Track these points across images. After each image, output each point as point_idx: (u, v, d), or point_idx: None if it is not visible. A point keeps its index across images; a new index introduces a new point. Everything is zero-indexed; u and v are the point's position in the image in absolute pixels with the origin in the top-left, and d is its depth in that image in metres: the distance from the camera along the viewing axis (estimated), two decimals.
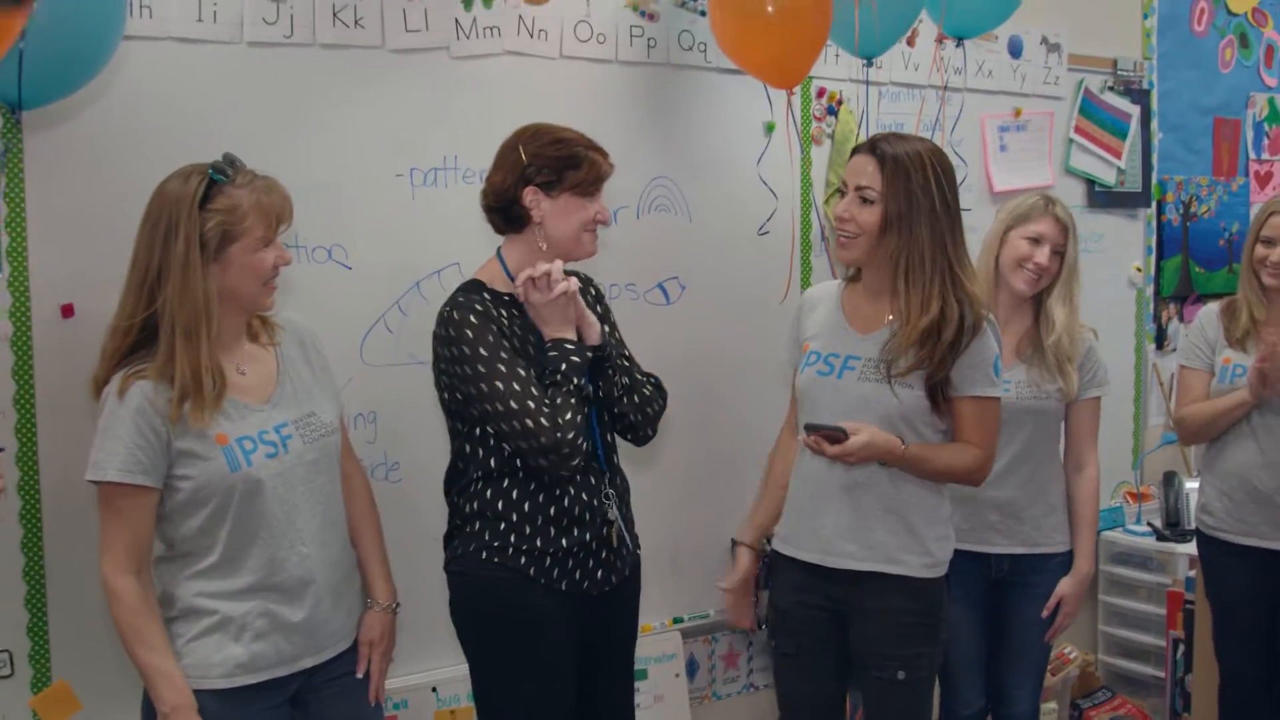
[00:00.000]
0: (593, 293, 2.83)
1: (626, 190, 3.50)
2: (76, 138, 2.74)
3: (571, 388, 2.52)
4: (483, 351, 2.51)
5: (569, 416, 2.49)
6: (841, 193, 2.80)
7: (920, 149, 2.73)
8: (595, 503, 2.65)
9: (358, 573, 2.63)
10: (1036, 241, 3.25)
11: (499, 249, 2.71)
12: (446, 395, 2.63)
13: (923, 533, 2.79)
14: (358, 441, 3.07)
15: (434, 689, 3.24)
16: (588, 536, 2.63)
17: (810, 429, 2.69)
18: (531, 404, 2.48)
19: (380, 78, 3.10)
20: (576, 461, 2.52)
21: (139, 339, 2.31)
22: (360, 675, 2.58)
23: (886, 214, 2.70)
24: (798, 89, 3.58)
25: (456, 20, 3.18)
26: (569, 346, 2.57)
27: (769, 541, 3.03)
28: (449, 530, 2.72)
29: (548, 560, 2.60)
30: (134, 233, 2.35)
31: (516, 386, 2.49)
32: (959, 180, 4.11)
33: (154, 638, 2.29)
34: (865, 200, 2.72)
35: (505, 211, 2.63)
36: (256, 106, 2.94)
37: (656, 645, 3.65)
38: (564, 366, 2.53)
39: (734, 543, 3.13)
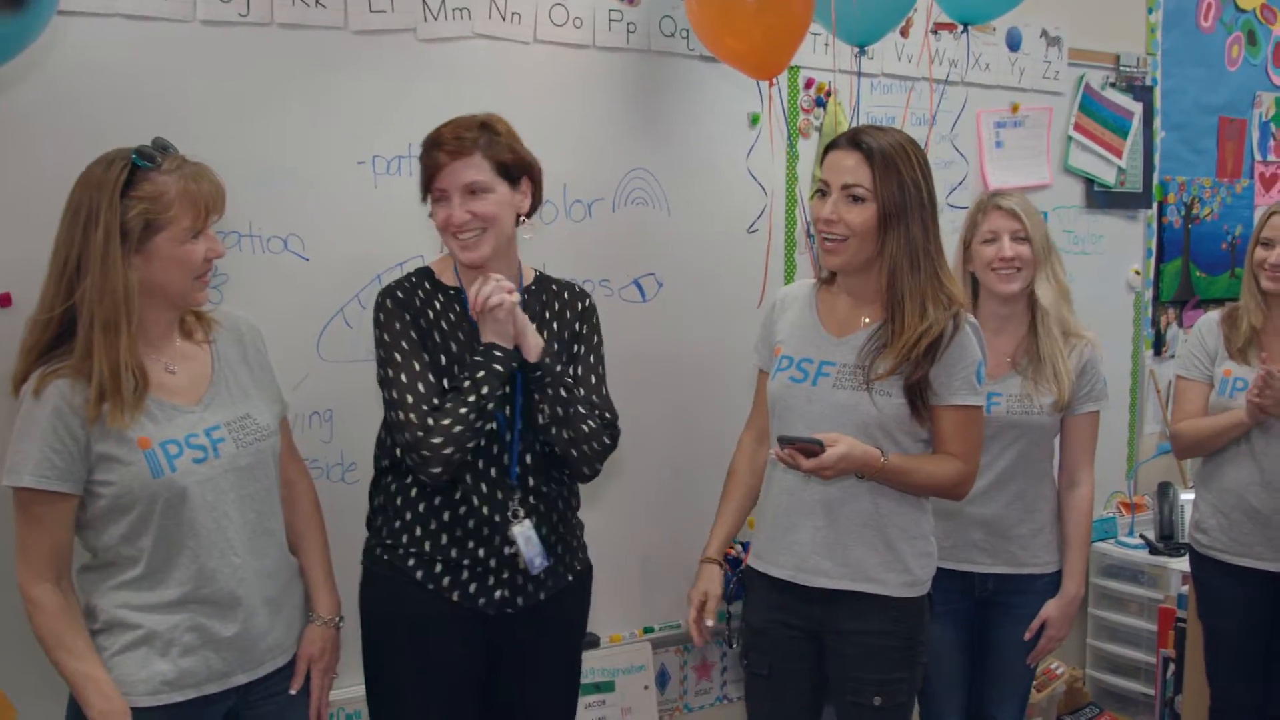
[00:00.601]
0: (567, 301, 2.70)
1: (603, 182, 3.42)
2: (12, 119, 2.62)
3: (473, 397, 2.42)
4: (386, 338, 2.50)
5: (446, 423, 2.40)
6: (823, 193, 2.65)
7: (901, 140, 2.62)
8: (496, 518, 2.53)
9: (299, 582, 2.52)
10: (994, 239, 3.16)
11: None
12: None
13: (902, 549, 2.66)
14: (312, 440, 3.00)
15: None
16: (482, 552, 2.53)
17: (784, 441, 2.56)
18: (410, 398, 2.44)
19: (342, 60, 2.99)
20: (439, 470, 2.42)
21: (58, 334, 2.19)
22: (294, 691, 2.47)
23: (882, 212, 2.57)
24: (783, 79, 3.47)
25: (424, 1, 3.07)
26: (497, 354, 2.46)
27: (744, 548, 2.90)
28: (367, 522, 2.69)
29: (437, 566, 2.53)
30: None
31: (404, 378, 2.46)
32: (961, 179, 4.11)
33: (77, 644, 2.18)
34: (855, 199, 2.58)
35: None
36: (210, 89, 2.83)
37: (625, 656, 3.55)
38: (480, 374, 2.44)
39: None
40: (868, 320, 2.66)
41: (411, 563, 2.53)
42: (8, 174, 2.62)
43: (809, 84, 3.77)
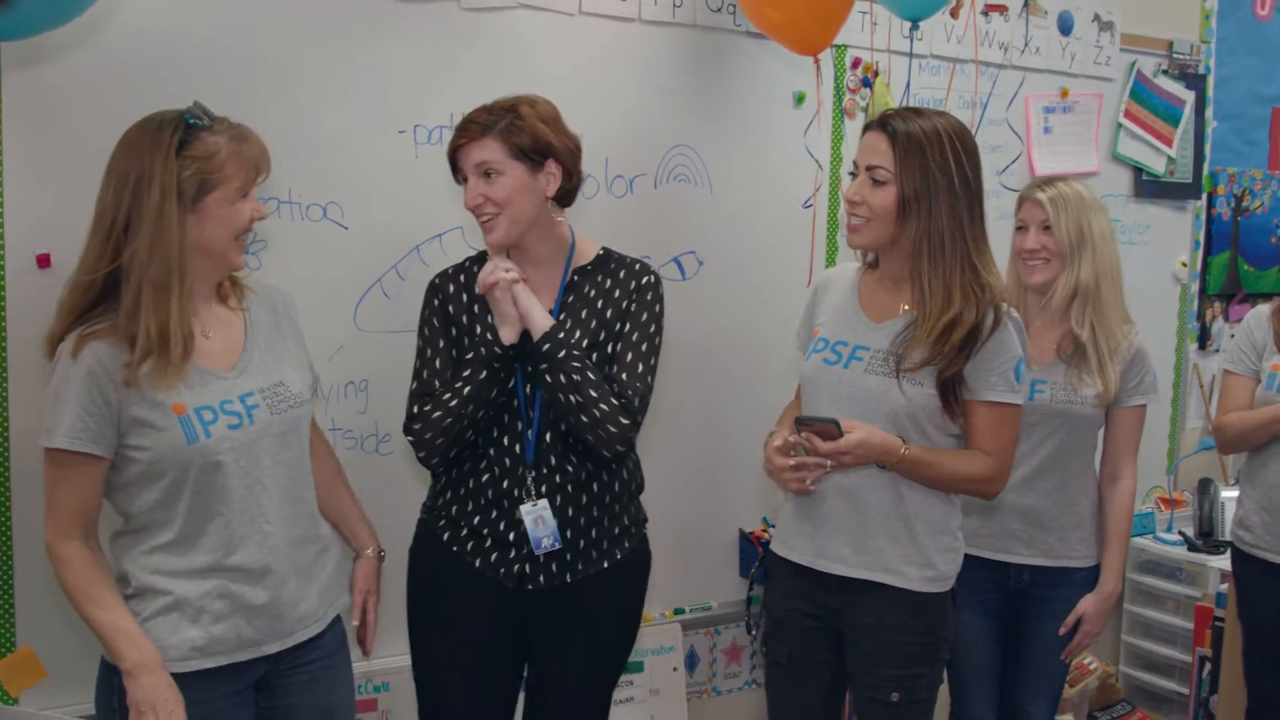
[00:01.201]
0: (620, 279, 2.66)
1: (645, 158, 3.39)
2: (56, 79, 2.61)
3: (462, 386, 2.51)
4: (420, 326, 2.64)
5: (436, 414, 2.52)
6: (854, 174, 2.63)
7: (938, 124, 2.55)
8: (515, 492, 2.55)
9: (332, 552, 2.49)
10: (1024, 228, 3.16)
11: None
12: None
13: (925, 542, 2.61)
14: (347, 410, 3.01)
15: None
16: (502, 525, 2.56)
17: (801, 423, 2.51)
18: (416, 385, 2.60)
19: (386, 29, 2.97)
20: (427, 455, 2.57)
21: (99, 297, 2.17)
22: (356, 622, 2.58)
23: (902, 196, 2.52)
24: (829, 57, 3.43)
25: None
26: (488, 337, 2.53)
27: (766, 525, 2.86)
28: None
29: (463, 532, 2.60)
30: None
31: (420, 367, 2.61)
32: (1015, 158, 4.06)
33: (105, 597, 2.18)
34: (877, 181, 2.55)
35: None
36: (252, 56, 2.81)
37: (655, 637, 3.54)
38: (468, 367, 2.52)
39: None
40: (906, 308, 2.61)
41: (441, 523, 2.61)
42: (50, 139, 2.61)
43: (855, 63, 3.72)
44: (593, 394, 2.49)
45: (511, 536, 2.54)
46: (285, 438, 2.32)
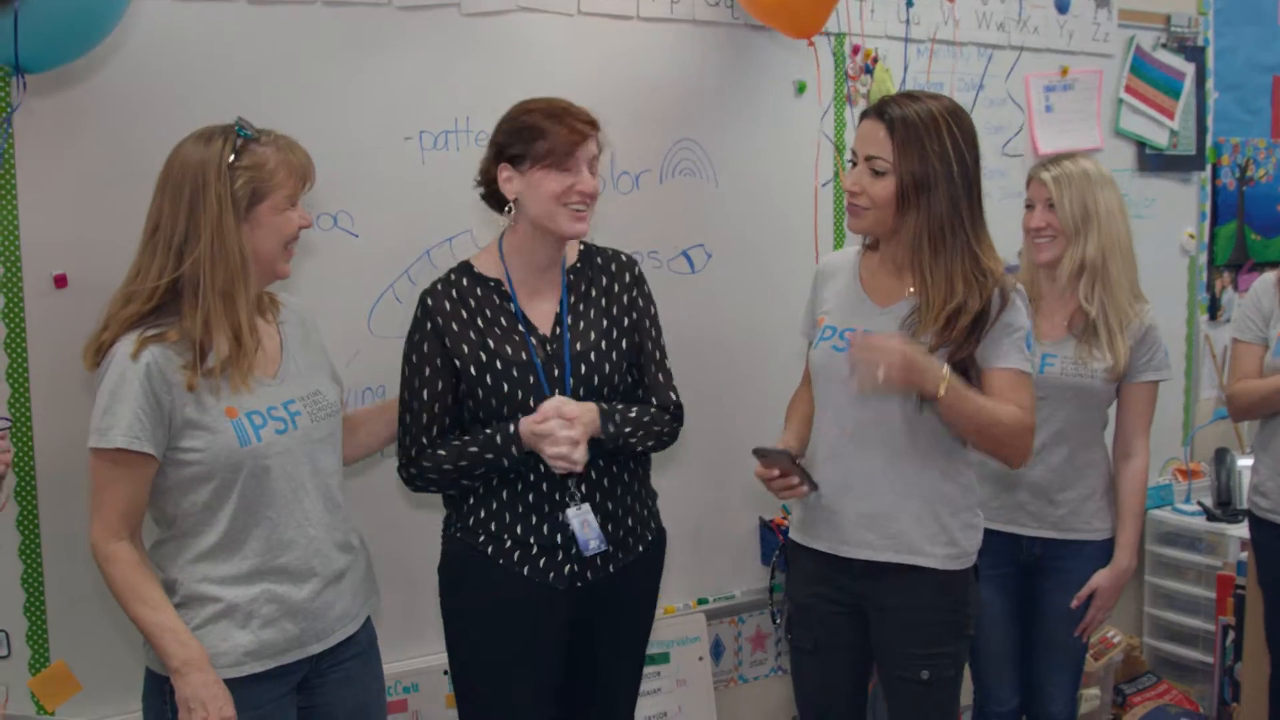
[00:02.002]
0: (613, 272, 2.70)
1: (649, 153, 3.41)
2: (69, 102, 2.64)
3: (474, 462, 2.50)
4: (411, 346, 2.58)
5: (442, 456, 2.53)
6: (853, 162, 2.62)
7: (934, 108, 2.54)
8: (556, 497, 2.55)
9: (363, 555, 2.54)
10: (1031, 206, 3.19)
11: (503, 231, 2.64)
12: None
13: (948, 521, 2.62)
14: None
15: (446, 671, 3.12)
16: (546, 529, 2.55)
17: (758, 454, 2.59)
18: (409, 436, 2.56)
19: (387, 36, 2.99)
20: (418, 490, 2.61)
21: (159, 306, 2.23)
22: None
23: (901, 186, 2.52)
24: (826, 46, 3.44)
25: None
26: (514, 452, 2.48)
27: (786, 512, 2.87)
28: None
29: (507, 544, 2.55)
30: (131, 199, 2.31)
31: (414, 402, 2.56)
32: (1006, 142, 4.07)
33: (153, 594, 2.20)
34: (876, 172, 2.54)
35: (492, 196, 2.59)
36: (257, 68, 2.84)
37: (680, 627, 3.56)
38: (490, 453, 2.50)
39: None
40: (912, 290, 2.60)
41: (482, 538, 2.55)
42: (64, 161, 2.64)
43: (855, 50, 3.73)
44: (654, 429, 2.63)
45: (558, 539, 2.55)
46: (325, 443, 2.39)
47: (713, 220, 3.53)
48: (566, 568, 2.56)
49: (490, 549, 2.55)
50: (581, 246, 2.70)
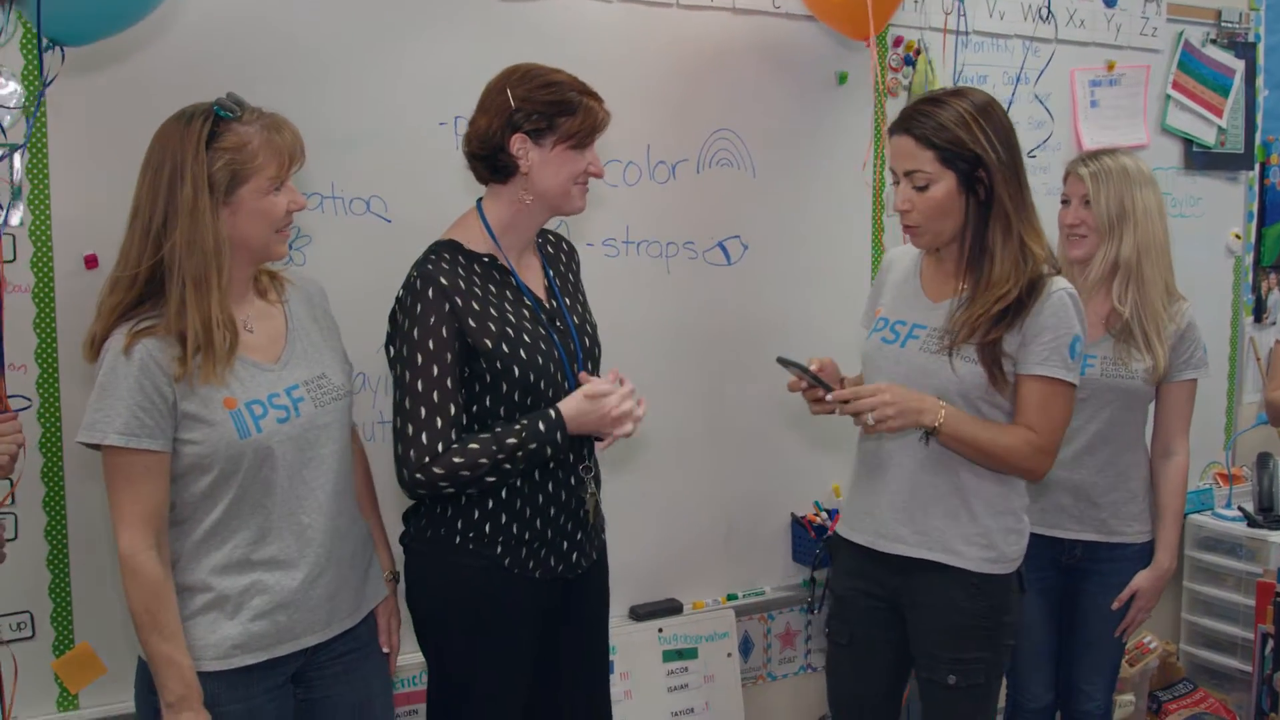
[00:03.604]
0: (565, 249, 2.69)
1: (686, 143, 3.38)
2: (99, 80, 2.63)
3: (506, 456, 2.33)
4: (417, 334, 2.36)
5: (459, 463, 2.31)
6: (895, 182, 2.59)
7: (960, 109, 2.49)
8: (572, 480, 2.50)
9: (370, 545, 2.50)
10: (1067, 203, 3.16)
11: (479, 201, 2.54)
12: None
13: (987, 523, 2.58)
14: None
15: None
16: (563, 519, 2.49)
17: (780, 361, 2.55)
18: (425, 435, 2.32)
19: (424, 21, 2.97)
20: (422, 495, 2.42)
21: (143, 293, 2.16)
22: (387, 650, 2.51)
23: (951, 190, 2.50)
24: (873, 37, 3.39)
25: None
26: (558, 438, 2.38)
27: (830, 516, 2.85)
28: (415, 504, 2.55)
29: (524, 550, 2.45)
30: None
31: (433, 393, 2.34)
32: (1046, 138, 4.01)
33: (169, 624, 2.14)
34: (918, 187, 2.51)
35: (490, 160, 2.45)
36: (292, 52, 2.83)
37: (709, 623, 3.53)
38: (533, 444, 2.35)
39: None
40: (964, 286, 2.58)
41: (499, 549, 2.43)
42: (94, 140, 2.62)
43: (898, 42, 3.68)
44: None
45: (569, 526, 2.51)
46: (329, 430, 2.31)
47: (750, 211, 3.50)
48: (573, 555, 2.52)
49: (508, 560, 2.44)
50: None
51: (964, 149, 2.47)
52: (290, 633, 2.26)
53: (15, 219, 2.58)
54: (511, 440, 2.33)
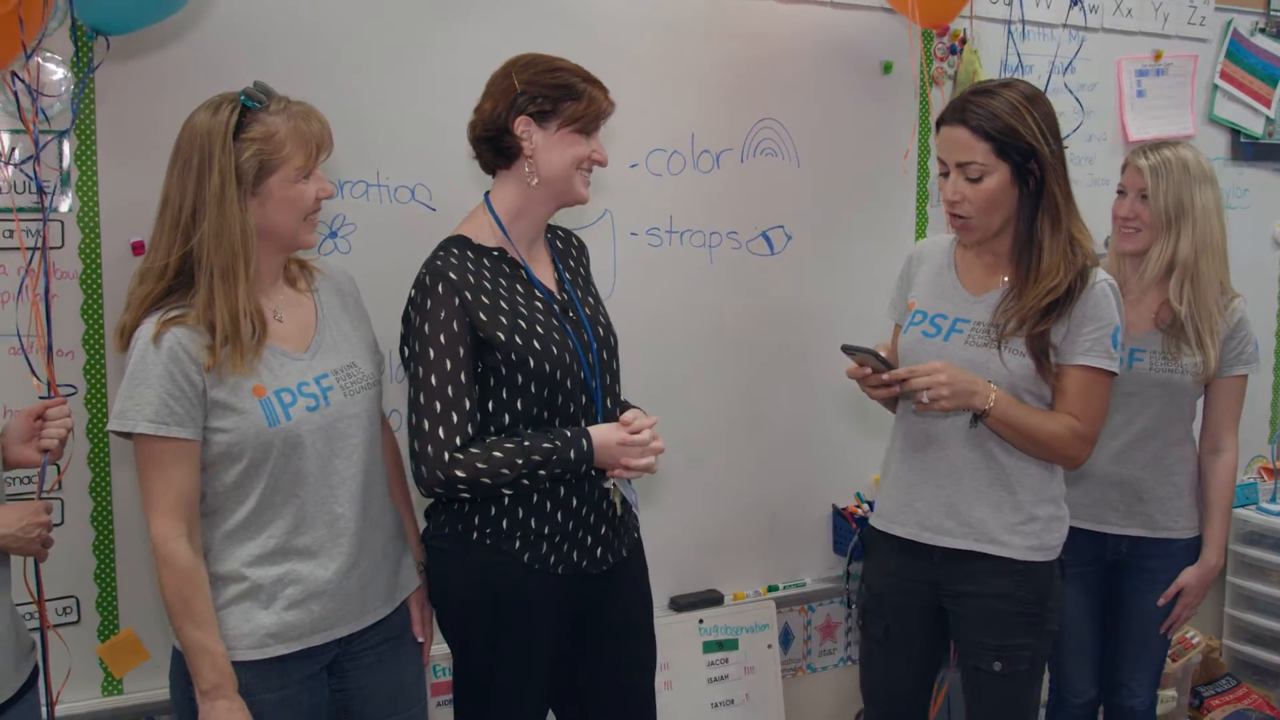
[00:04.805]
0: (575, 244, 2.67)
1: (730, 132, 3.37)
2: (150, 68, 2.64)
3: (528, 469, 2.31)
4: (428, 329, 2.34)
5: (482, 467, 2.29)
6: (944, 174, 2.57)
7: (1013, 99, 2.48)
8: (594, 473, 2.44)
9: (403, 534, 2.49)
10: (1123, 193, 3.10)
11: (486, 195, 2.53)
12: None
13: (1031, 511, 2.59)
14: None
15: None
16: (585, 510, 2.46)
17: (846, 350, 2.51)
18: (442, 430, 2.31)
19: (469, 8, 2.97)
20: (438, 494, 2.38)
21: (172, 284, 2.16)
22: (421, 639, 2.51)
23: (1000, 184, 2.49)
24: (915, 27, 3.37)
25: None
26: (584, 447, 2.36)
27: (870, 507, 2.84)
28: (435, 501, 2.52)
29: (544, 546, 2.42)
30: None
31: (448, 388, 2.32)
32: (1084, 126, 3.97)
33: (202, 612, 2.15)
34: (970, 178, 2.50)
35: (495, 142, 2.44)
36: (340, 40, 2.83)
37: (750, 614, 3.52)
38: (557, 467, 2.33)
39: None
40: (1006, 279, 2.58)
41: (519, 545, 2.40)
42: (143, 125, 2.62)
43: (943, 31, 3.64)
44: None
45: (593, 519, 2.48)
46: (359, 419, 2.31)
47: (793, 201, 3.48)
48: (598, 550, 2.50)
49: (527, 555, 2.41)
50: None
51: (1020, 140, 2.46)
52: (324, 622, 2.26)
53: (64, 205, 2.59)
54: (537, 458, 2.32)
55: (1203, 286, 3.00)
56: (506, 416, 2.39)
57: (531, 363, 2.37)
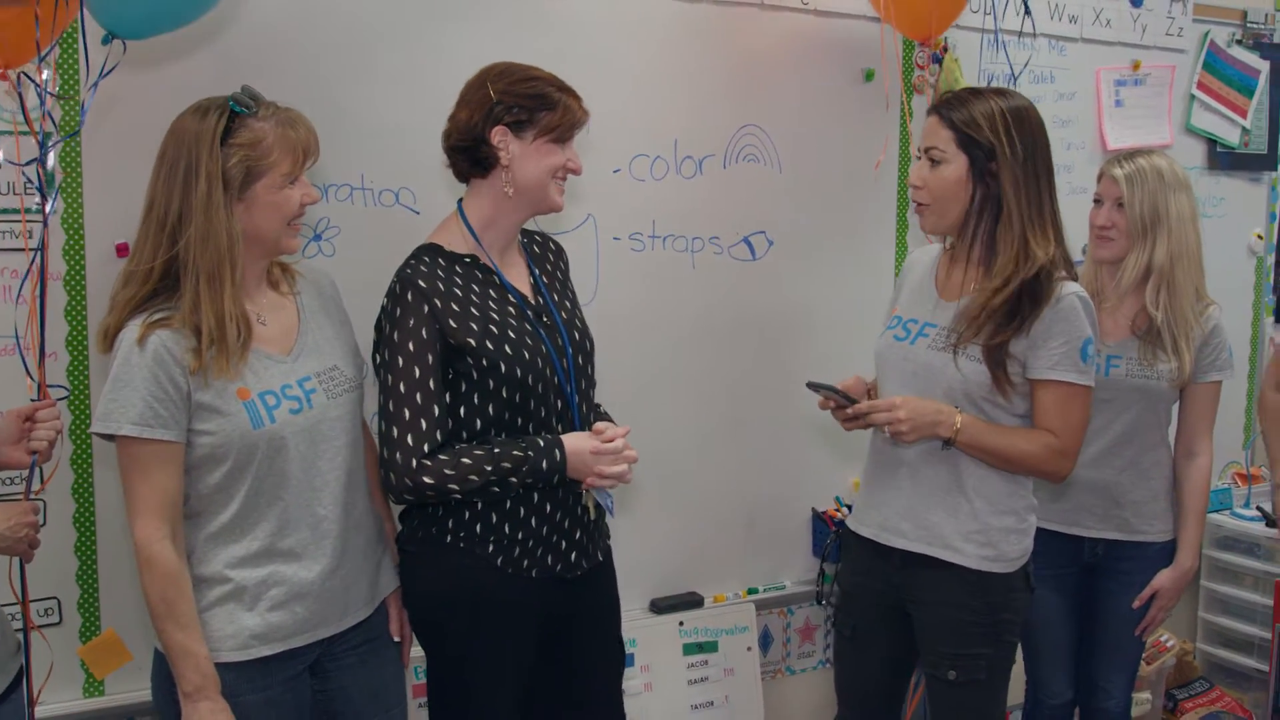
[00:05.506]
0: (552, 248, 2.69)
1: (713, 138, 3.38)
2: (133, 71, 2.61)
3: (498, 478, 2.32)
4: (398, 337, 2.34)
5: (449, 474, 2.30)
6: (918, 158, 2.64)
7: (995, 104, 2.54)
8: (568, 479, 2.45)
9: (384, 536, 2.51)
10: (1099, 203, 3.13)
11: (460, 203, 2.54)
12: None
13: (988, 521, 2.59)
14: None
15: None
16: (559, 515, 2.47)
17: (811, 386, 2.57)
18: (410, 437, 2.31)
19: (455, 13, 2.97)
20: (408, 500, 2.39)
21: (156, 287, 2.17)
22: (398, 639, 2.51)
23: (961, 173, 2.54)
24: (897, 36, 3.39)
25: None
26: (556, 457, 2.36)
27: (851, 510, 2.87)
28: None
29: (517, 549, 2.43)
30: None
31: (416, 395, 2.32)
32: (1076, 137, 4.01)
33: (185, 614, 2.15)
34: (934, 162, 2.56)
35: (471, 152, 2.45)
36: (322, 43, 2.83)
37: (729, 616, 3.54)
38: (527, 477, 2.35)
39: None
40: (975, 286, 2.60)
41: (491, 548, 2.41)
42: (128, 126, 2.62)
43: (926, 40, 3.66)
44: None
45: (567, 524, 2.49)
46: (342, 421, 2.32)
47: (775, 207, 3.49)
48: (572, 554, 2.51)
49: (500, 559, 2.42)
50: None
51: (980, 134, 2.51)
52: (308, 624, 2.27)
53: (48, 207, 2.59)
54: (507, 465, 2.33)
55: (1178, 293, 3.04)
56: (479, 422, 2.40)
57: (502, 367, 2.38)
